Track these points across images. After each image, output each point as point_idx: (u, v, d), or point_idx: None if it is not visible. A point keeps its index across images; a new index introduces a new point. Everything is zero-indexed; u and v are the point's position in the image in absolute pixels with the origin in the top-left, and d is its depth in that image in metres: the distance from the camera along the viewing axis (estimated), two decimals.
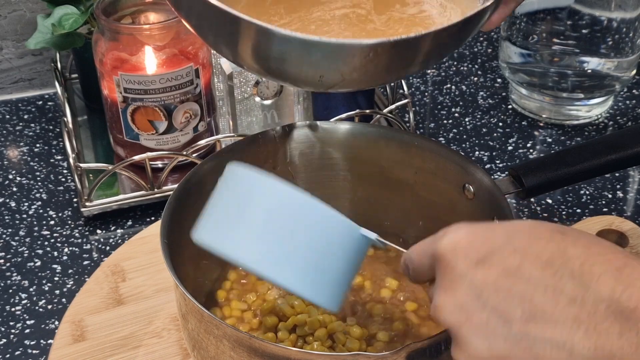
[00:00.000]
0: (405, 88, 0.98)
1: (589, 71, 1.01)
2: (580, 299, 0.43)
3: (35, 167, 0.96)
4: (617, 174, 0.94)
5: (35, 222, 0.88)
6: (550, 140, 1.00)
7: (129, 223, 0.88)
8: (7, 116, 1.05)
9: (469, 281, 0.46)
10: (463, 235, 0.47)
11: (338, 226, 0.55)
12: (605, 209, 0.89)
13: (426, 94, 1.09)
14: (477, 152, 0.98)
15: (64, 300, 0.79)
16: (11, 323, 0.77)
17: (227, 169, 0.57)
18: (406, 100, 0.97)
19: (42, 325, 0.77)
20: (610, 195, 0.91)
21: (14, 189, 0.93)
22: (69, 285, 0.81)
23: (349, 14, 0.60)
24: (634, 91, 1.09)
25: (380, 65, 0.54)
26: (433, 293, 0.48)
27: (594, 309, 0.43)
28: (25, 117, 1.05)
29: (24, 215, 0.89)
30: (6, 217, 0.89)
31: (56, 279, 0.81)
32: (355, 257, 0.56)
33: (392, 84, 1.01)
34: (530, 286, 0.44)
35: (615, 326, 0.42)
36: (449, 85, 1.10)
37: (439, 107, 1.06)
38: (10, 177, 0.95)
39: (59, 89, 1.00)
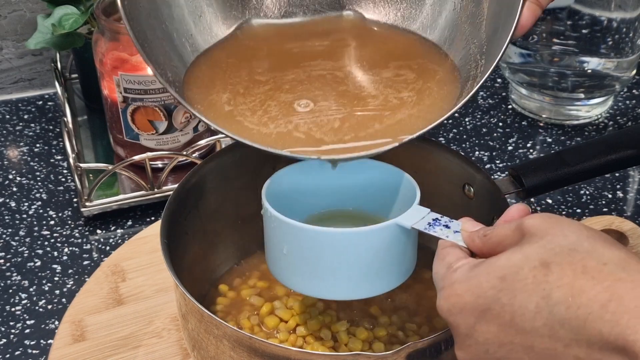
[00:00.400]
0: None
1: (589, 71, 1.01)
2: (575, 341, 0.44)
3: (35, 167, 0.96)
4: (617, 174, 0.94)
5: (35, 222, 0.88)
6: (550, 140, 1.00)
7: (129, 223, 0.88)
8: (7, 116, 1.05)
9: (474, 340, 0.48)
10: (455, 298, 0.49)
11: (380, 233, 0.59)
12: (605, 209, 0.89)
13: None
14: (477, 152, 0.98)
15: (64, 300, 0.79)
16: (11, 323, 0.77)
17: (274, 216, 0.61)
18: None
19: (42, 325, 0.77)
20: (610, 195, 0.91)
21: (14, 189, 0.93)
22: (69, 285, 0.81)
23: (326, 75, 0.62)
24: (634, 91, 1.09)
25: None
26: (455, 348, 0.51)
27: (590, 349, 0.44)
28: (25, 117, 1.05)
29: (24, 215, 0.89)
30: (6, 217, 0.89)
31: (56, 279, 0.81)
32: (407, 241, 0.61)
33: None
34: (528, 337, 0.46)
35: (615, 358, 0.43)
36: None
37: None
38: (10, 177, 0.95)
39: (59, 89, 1.00)
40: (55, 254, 0.84)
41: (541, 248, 0.46)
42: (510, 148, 0.99)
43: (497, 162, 0.97)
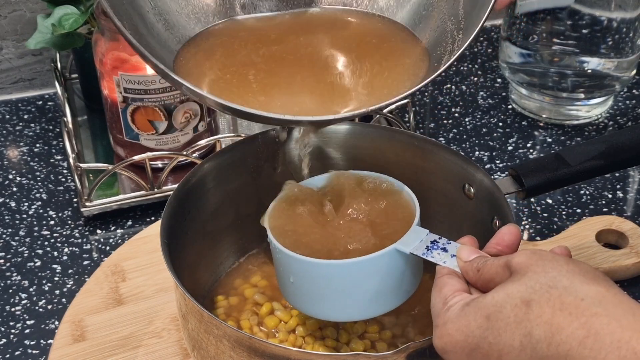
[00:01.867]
0: None
1: (589, 71, 1.01)
2: None
3: (35, 167, 0.96)
4: (617, 174, 0.94)
5: (35, 222, 0.88)
6: (550, 140, 1.00)
7: (129, 223, 0.88)
8: (7, 116, 1.05)
9: None
10: (448, 338, 0.51)
11: (380, 262, 0.61)
12: (605, 209, 0.89)
13: (426, 94, 1.09)
14: (477, 152, 0.98)
15: (64, 300, 0.79)
16: (11, 323, 0.77)
17: (283, 251, 0.63)
18: (406, 100, 0.97)
19: (42, 325, 0.77)
20: (610, 195, 0.91)
21: (14, 189, 0.93)
22: (69, 285, 0.81)
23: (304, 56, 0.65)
24: (634, 91, 1.09)
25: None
26: None
27: None
28: (25, 117, 1.05)
29: (24, 215, 0.89)
30: (6, 217, 0.89)
31: (56, 279, 0.81)
32: (406, 266, 0.62)
33: None
34: None
35: None
36: (449, 85, 1.10)
37: (439, 107, 1.06)
38: (10, 177, 0.95)
39: (59, 89, 1.00)
40: (55, 254, 0.84)
41: (522, 286, 0.49)
42: (510, 148, 0.99)
43: (497, 162, 0.97)
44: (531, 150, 0.99)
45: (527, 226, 0.87)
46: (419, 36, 0.65)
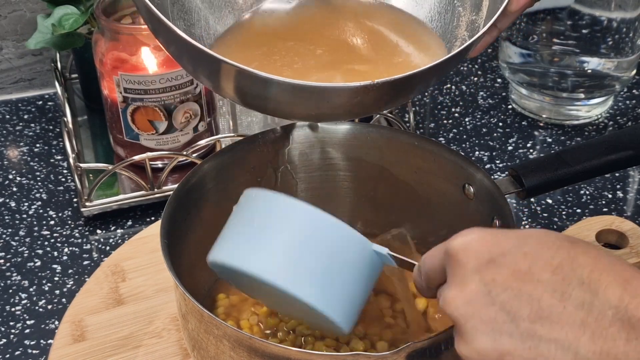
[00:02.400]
0: None
1: (589, 71, 1.01)
2: (588, 304, 0.44)
3: (35, 167, 0.96)
4: (617, 174, 0.94)
5: (35, 222, 0.88)
6: (550, 140, 1.00)
7: (129, 223, 0.88)
8: (7, 116, 1.05)
9: (479, 278, 0.46)
10: (475, 236, 0.48)
11: (351, 240, 0.56)
12: (605, 209, 0.89)
13: (426, 94, 1.09)
14: (477, 152, 0.98)
15: (64, 300, 0.79)
16: (11, 323, 0.77)
17: (243, 195, 0.59)
18: (406, 103, 0.97)
19: (42, 325, 0.77)
20: (610, 195, 0.91)
21: (14, 189, 0.93)
22: (69, 285, 0.81)
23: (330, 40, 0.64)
24: (634, 91, 1.09)
25: (365, 102, 0.57)
26: (442, 290, 0.49)
27: (601, 315, 0.43)
28: (25, 117, 1.05)
29: (24, 215, 0.89)
30: (6, 217, 0.89)
31: (56, 279, 0.81)
32: (368, 275, 0.57)
33: None
34: (539, 288, 0.45)
35: (622, 333, 0.42)
36: (449, 85, 1.10)
37: (439, 107, 1.06)
38: (10, 177, 0.95)
39: (59, 89, 1.00)
40: (55, 254, 0.84)
41: (565, 235, 0.48)
42: (510, 148, 0.99)
43: (497, 162, 0.97)
44: (531, 150, 0.99)
45: (527, 226, 0.87)
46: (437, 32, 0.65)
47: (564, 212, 0.89)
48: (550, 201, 0.91)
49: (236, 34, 0.66)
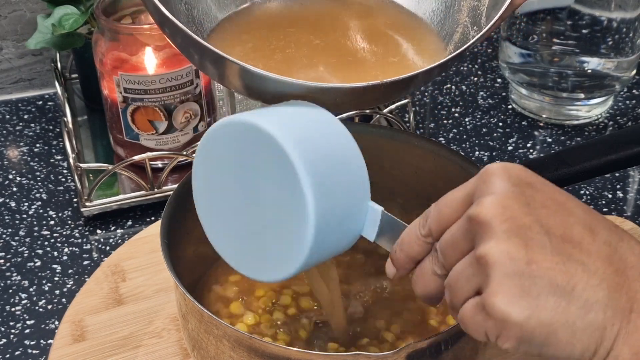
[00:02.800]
0: None
1: (589, 71, 1.01)
2: (614, 244, 0.45)
3: (35, 167, 0.96)
4: (617, 174, 0.94)
5: (35, 222, 0.88)
6: (550, 140, 1.00)
7: (129, 223, 0.88)
8: (7, 116, 1.05)
9: (520, 190, 0.46)
10: (514, 164, 0.48)
11: (362, 176, 0.55)
12: (605, 209, 0.89)
13: (426, 94, 1.09)
14: (477, 152, 0.98)
15: (64, 300, 0.79)
16: (11, 323, 0.77)
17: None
18: (406, 100, 0.97)
19: (42, 325, 0.77)
20: (610, 195, 0.91)
21: (14, 189, 0.93)
22: (69, 285, 0.81)
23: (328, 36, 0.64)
24: (634, 91, 1.09)
25: (369, 99, 0.58)
26: (476, 201, 0.47)
27: (625, 256, 0.45)
28: (25, 117, 1.05)
29: (24, 215, 0.89)
30: (6, 217, 0.89)
31: (56, 279, 0.81)
32: (350, 228, 0.55)
33: None
34: (573, 218, 0.46)
35: None
36: (449, 85, 1.10)
37: (439, 107, 1.07)
38: (10, 177, 0.95)
39: (59, 89, 1.00)
40: (55, 254, 0.84)
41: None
42: (510, 148, 0.99)
43: (497, 160, 0.97)
44: (531, 150, 0.99)
45: None
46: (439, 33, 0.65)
47: None
48: None
49: (236, 20, 0.66)
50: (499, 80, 1.11)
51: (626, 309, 0.43)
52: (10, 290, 0.80)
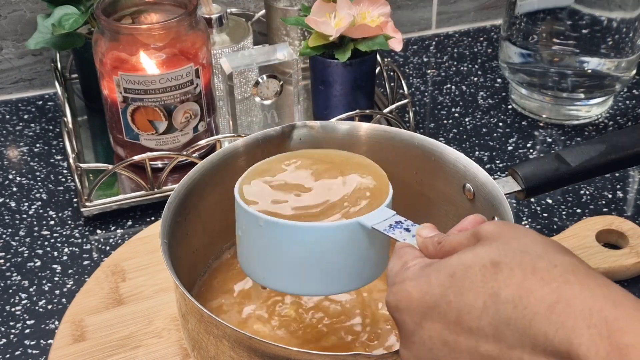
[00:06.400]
0: (405, 88, 0.98)
1: (589, 71, 1.01)
2: (519, 343, 0.44)
3: (35, 167, 0.96)
4: (617, 174, 0.94)
5: (35, 222, 0.88)
6: (550, 140, 1.00)
7: (129, 223, 0.88)
8: (7, 116, 1.05)
9: (418, 337, 0.48)
10: (403, 294, 0.49)
11: (335, 234, 0.59)
12: (605, 209, 0.89)
13: (426, 94, 1.09)
14: (477, 152, 0.98)
15: (64, 300, 0.79)
16: (11, 323, 0.77)
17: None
18: (406, 100, 0.97)
19: (42, 325, 0.77)
20: (610, 195, 0.91)
21: (14, 189, 0.93)
22: (69, 285, 0.81)
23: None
24: (634, 91, 1.09)
25: None
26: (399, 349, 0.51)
27: (534, 351, 0.43)
28: (25, 117, 1.05)
29: (24, 215, 0.89)
30: (6, 217, 0.89)
31: (56, 279, 0.81)
32: (361, 245, 0.60)
33: (392, 84, 1.01)
34: (473, 337, 0.46)
35: None
36: (449, 85, 1.10)
37: (439, 107, 1.07)
38: (10, 177, 0.95)
39: (59, 89, 1.00)
40: (55, 254, 0.84)
41: (493, 249, 0.47)
42: (510, 148, 0.99)
43: (497, 162, 0.97)
44: (531, 150, 0.99)
45: (527, 226, 0.87)
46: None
47: (564, 212, 0.89)
48: (550, 201, 0.91)
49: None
50: (499, 80, 1.11)
51: None
52: (10, 290, 0.80)
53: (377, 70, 0.97)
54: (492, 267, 0.46)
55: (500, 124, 1.03)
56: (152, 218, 0.89)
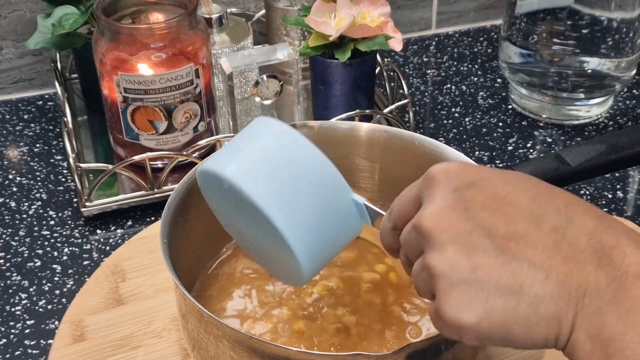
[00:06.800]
0: (405, 88, 0.98)
1: (589, 71, 1.01)
2: (562, 229, 0.45)
3: (35, 167, 0.96)
4: (617, 174, 0.94)
5: (35, 222, 0.88)
6: (550, 140, 1.00)
7: (129, 223, 0.88)
8: (7, 116, 1.05)
9: (459, 196, 0.47)
10: (457, 164, 0.49)
11: (332, 180, 0.56)
12: (605, 209, 0.89)
13: (426, 94, 1.09)
14: (477, 152, 0.98)
15: (64, 300, 0.79)
16: (11, 323, 0.77)
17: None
18: (406, 100, 0.97)
19: (42, 325, 0.77)
20: (610, 195, 0.91)
21: (14, 189, 0.93)
22: (69, 285, 0.81)
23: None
24: (634, 91, 1.09)
25: None
26: (419, 212, 0.48)
27: (574, 240, 0.44)
28: (25, 117, 1.05)
29: (24, 215, 0.89)
30: (6, 217, 0.89)
31: (56, 279, 0.81)
32: (341, 224, 0.57)
33: (392, 84, 1.01)
34: (517, 211, 0.46)
35: (593, 258, 0.44)
36: (449, 85, 1.10)
37: (439, 107, 1.07)
38: (10, 177, 0.95)
39: (59, 89, 1.00)
40: (55, 254, 0.84)
41: None
42: (510, 148, 0.99)
43: (497, 162, 0.97)
44: (531, 150, 0.99)
45: None
46: None
47: None
48: None
49: None
50: (499, 80, 1.11)
51: (579, 295, 0.44)
52: (10, 290, 0.80)
53: (377, 70, 0.97)
54: (545, 183, 0.48)
55: (500, 124, 1.03)
56: (152, 218, 0.89)
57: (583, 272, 0.44)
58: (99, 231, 0.87)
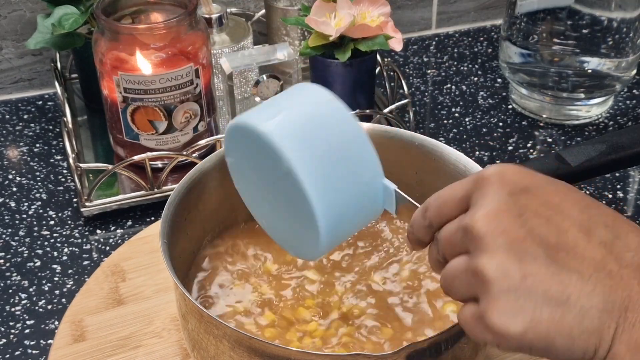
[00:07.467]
0: (405, 88, 0.98)
1: (589, 71, 1.01)
2: (609, 244, 0.45)
3: (35, 167, 0.96)
4: (617, 174, 0.94)
5: (35, 222, 0.88)
6: (550, 140, 1.00)
7: (129, 223, 0.88)
8: (7, 116, 1.05)
9: (513, 201, 0.46)
10: (511, 167, 0.48)
11: (369, 159, 0.56)
12: None
13: (426, 94, 1.09)
14: (477, 152, 0.98)
15: (64, 300, 0.79)
16: (11, 323, 0.77)
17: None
18: (406, 100, 0.97)
19: (42, 325, 0.77)
20: (610, 195, 0.91)
21: (14, 189, 0.93)
22: (69, 285, 0.81)
23: None
24: (634, 91, 1.09)
25: None
26: (469, 211, 0.48)
27: (620, 255, 0.45)
28: (25, 117, 1.05)
29: (24, 215, 0.89)
30: (6, 217, 0.89)
31: (56, 279, 0.81)
32: (366, 205, 0.57)
33: (392, 84, 1.01)
34: (568, 221, 0.46)
35: (637, 274, 0.44)
36: (449, 85, 1.10)
37: (439, 107, 1.06)
38: (10, 177, 0.95)
39: (58, 89, 1.00)
40: (55, 254, 0.84)
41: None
42: (510, 148, 0.99)
43: (497, 162, 0.97)
44: (531, 150, 0.99)
45: None
46: None
47: None
48: None
49: None
50: (499, 80, 1.11)
51: (622, 309, 0.44)
52: (10, 290, 0.80)
53: (377, 70, 0.97)
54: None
55: (501, 124, 1.03)
56: (152, 218, 0.89)
57: (627, 287, 0.44)
58: (98, 231, 0.87)
